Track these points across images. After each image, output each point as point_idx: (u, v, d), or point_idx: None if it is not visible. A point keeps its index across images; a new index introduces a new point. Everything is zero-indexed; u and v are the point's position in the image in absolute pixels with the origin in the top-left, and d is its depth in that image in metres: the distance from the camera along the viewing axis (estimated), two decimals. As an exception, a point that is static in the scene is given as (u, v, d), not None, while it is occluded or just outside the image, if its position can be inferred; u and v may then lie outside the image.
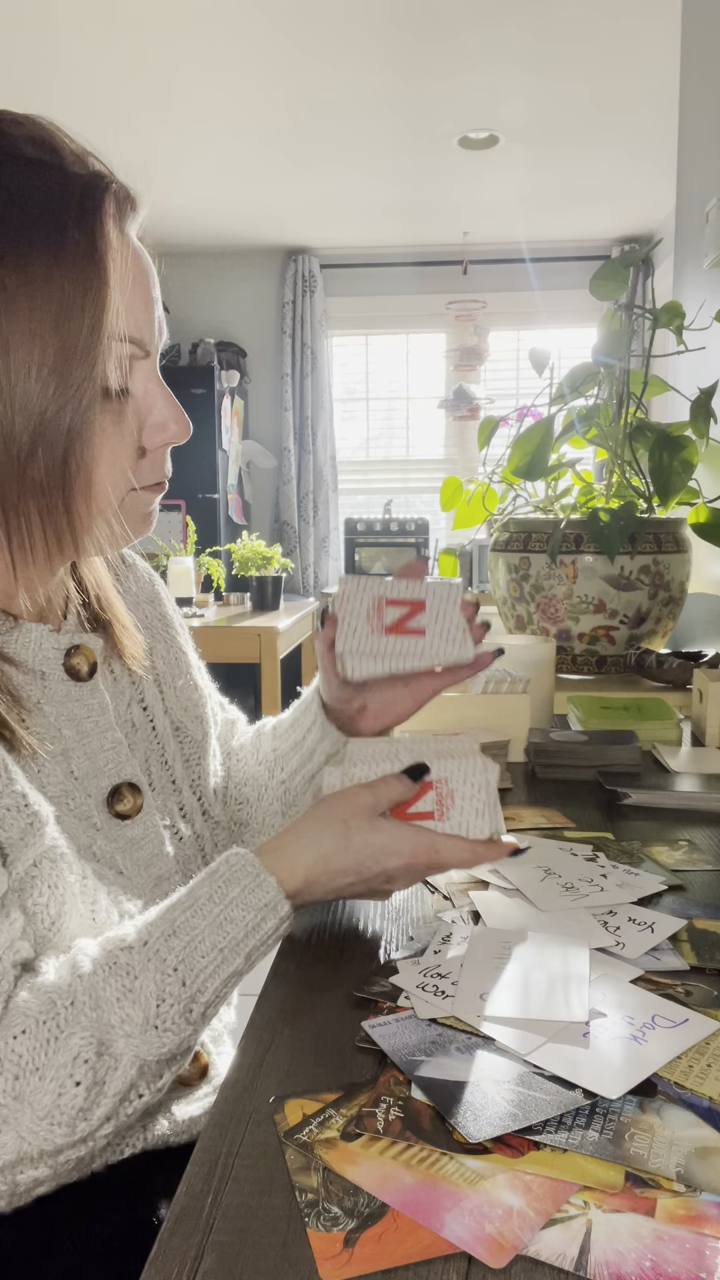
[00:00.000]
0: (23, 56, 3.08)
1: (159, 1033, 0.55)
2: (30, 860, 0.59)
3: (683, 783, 1.03)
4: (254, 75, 3.20)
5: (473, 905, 0.73)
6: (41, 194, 0.60)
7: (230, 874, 0.62)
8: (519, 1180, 0.44)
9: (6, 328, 0.58)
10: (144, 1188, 0.69)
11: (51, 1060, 0.52)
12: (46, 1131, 0.52)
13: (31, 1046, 0.52)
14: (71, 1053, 0.53)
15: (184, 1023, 0.57)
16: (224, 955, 0.59)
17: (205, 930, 0.59)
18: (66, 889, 0.61)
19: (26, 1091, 0.52)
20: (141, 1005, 0.55)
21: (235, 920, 0.60)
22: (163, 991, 0.56)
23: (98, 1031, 0.54)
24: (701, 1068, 0.52)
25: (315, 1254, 0.40)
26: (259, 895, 0.61)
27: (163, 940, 0.58)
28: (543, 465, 1.54)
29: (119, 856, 0.70)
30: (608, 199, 4.33)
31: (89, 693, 0.72)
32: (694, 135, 2.00)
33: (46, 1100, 0.52)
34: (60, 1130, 0.52)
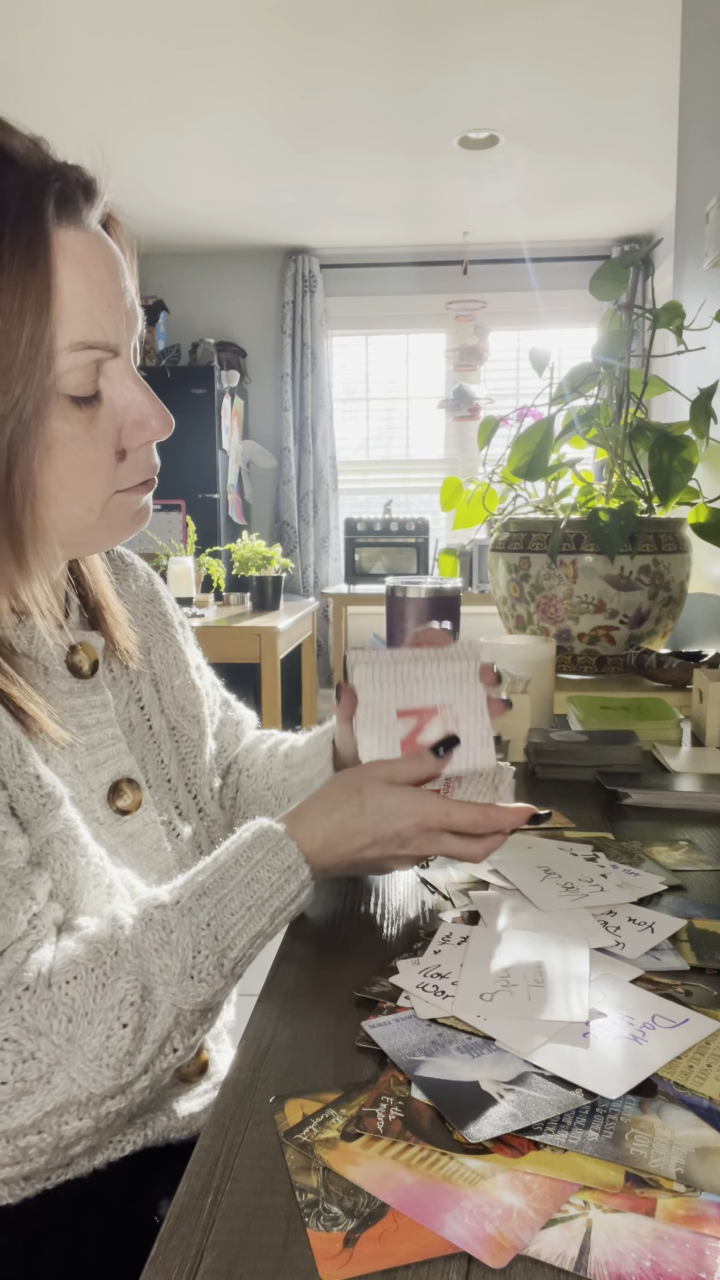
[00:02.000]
0: (24, 57, 3.08)
1: (194, 982, 0.58)
2: (43, 839, 0.61)
3: (683, 783, 1.03)
4: (254, 75, 3.20)
5: (473, 905, 0.73)
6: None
7: (254, 840, 0.64)
8: (519, 1180, 0.44)
9: None
10: (145, 1184, 0.69)
11: (100, 1004, 0.55)
12: (95, 1073, 0.54)
13: (82, 991, 0.55)
14: (118, 995, 0.56)
15: (217, 974, 0.59)
16: (251, 913, 0.62)
17: (234, 890, 0.62)
18: (79, 869, 0.63)
19: (78, 1034, 0.54)
20: (179, 956, 0.58)
21: (261, 880, 0.63)
22: (198, 943, 0.59)
23: (141, 977, 0.57)
24: (701, 1068, 0.52)
25: (315, 1254, 0.40)
26: (281, 858, 0.64)
27: (194, 899, 0.61)
28: (543, 465, 1.54)
29: (120, 851, 0.71)
30: (608, 199, 4.33)
31: (91, 689, 0.73)
32: (694, 135, 2.00)
33: (96, 1042, 0.54)
34: (108, 1073, 0.55)
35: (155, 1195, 0.69)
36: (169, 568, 3.53)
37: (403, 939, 0.69)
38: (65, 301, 0.59)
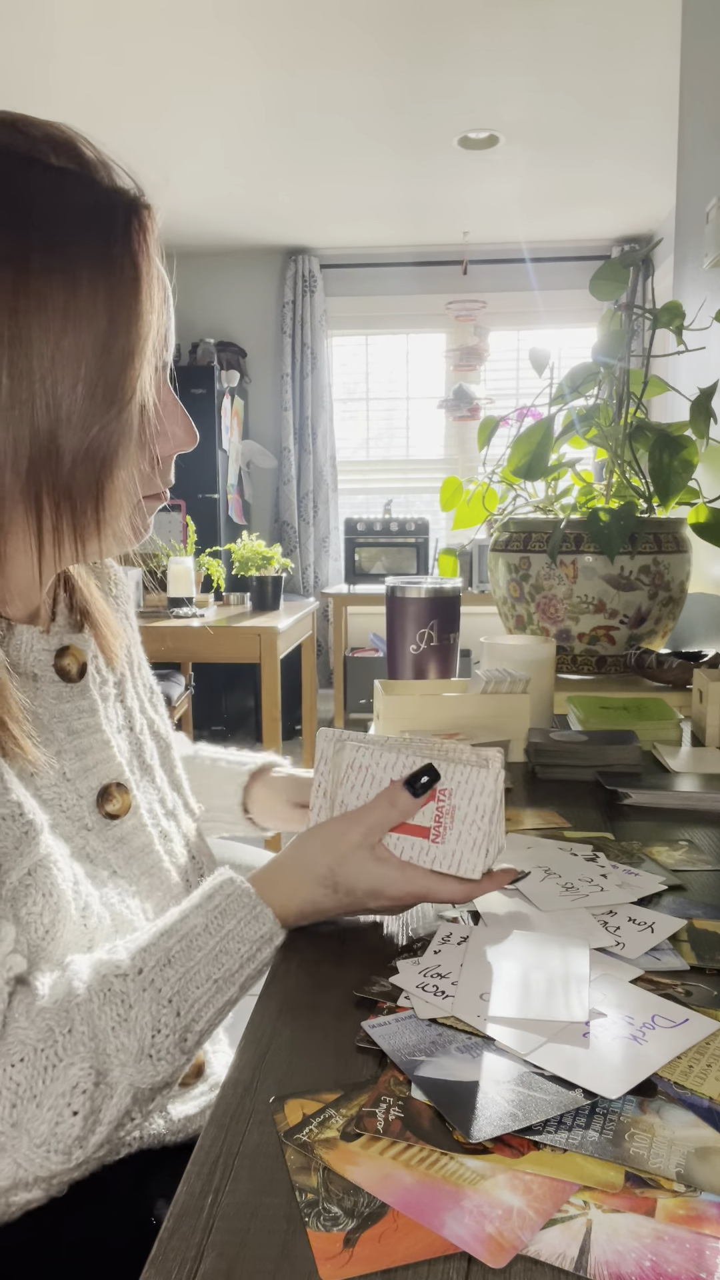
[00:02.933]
0: (22, 56, 3.08)
1: (153, 1062, 0.56)
2: (25, 869, 0.59)
3: (683, 783, 1.03)
4: (254, 75, 3.20)
5: (473, 905, 0.73)
6: (82, 208, 0.59)
7: (226, 904, 0.63)
8: (519, 1180, 0.44)
9: (54, 347, 0.58)
10: (141, 1187, 0.69)
11: (49, 1089, 0.53)
12: (43, 1159, 0.52)
13: (29, 1074, 0.52)
14: (70, 1082, 0.53)
15: (178, 1052, 0.57)
16: (219, 986, 0.60)
17: (201, 962, 0.59)
18: (60, 897, 0.61)
19: (24, 1119, 0.52)
20: (137, 1035, 0.56)
21: (231, 953, 0.61)
22: (158, 1022, 0.56)
23: (96, 1061, 0.54)
24: (701, 1068, 0.52)
25: (315, 1254, 0.40)
26: (255, 928, 0.62)
27: (158, 970, 0.58)
28: (543, 465, 1.54)
29: (111, 856, 0.70)
30: (608, 199, 4.33)
31: (79, 693, 0.72)
32: (694, 135, 2.00)
33: (44, 1129, 0.52)
34: (56, 1158, 0.53)
35: (151, 1198, 0.69)
36: (169, 568, 3.53)
37: (403, 939, 0.69)
38: (151, 320, 0.62)
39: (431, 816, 0.67)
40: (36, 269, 0.57)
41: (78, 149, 0.61)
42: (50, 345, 0.58)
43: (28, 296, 0.57)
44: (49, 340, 0.58)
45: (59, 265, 0.58)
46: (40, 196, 0.58)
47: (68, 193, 0.59)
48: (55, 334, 0.58)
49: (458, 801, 0.67)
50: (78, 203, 0.59)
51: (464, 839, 0.67)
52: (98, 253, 0.59)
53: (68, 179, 0.60)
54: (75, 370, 0.59)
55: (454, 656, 1.40)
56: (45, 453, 0.60)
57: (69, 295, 0.58)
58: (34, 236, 0.58)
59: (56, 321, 0.58)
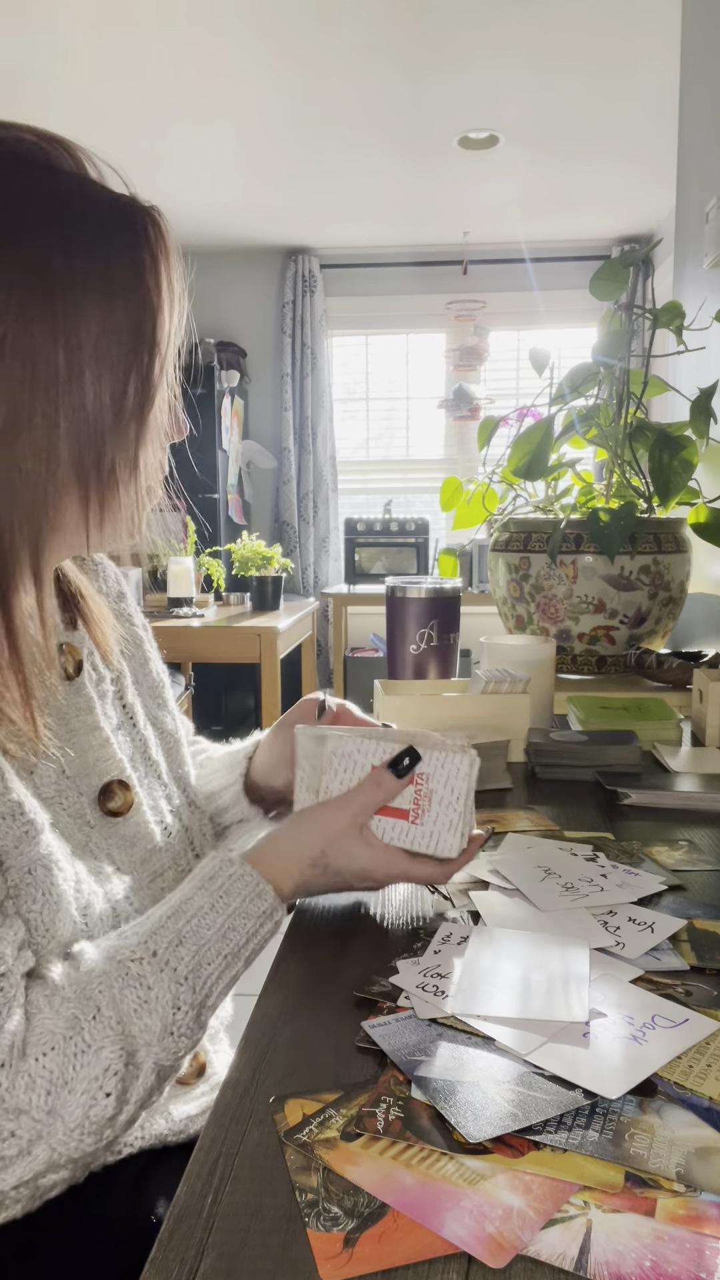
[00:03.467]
0: (22, 57, 3.08)
1: (175, 1039, 0.58)
2: (24, 868, 0.60)
3: (683, 783, 1.03)
4: (254, 75, 3.20)
5: (473, 905, 0.73)
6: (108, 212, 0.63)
7: (229, 884, 0.65)
8: (519, 1180, 0.44)
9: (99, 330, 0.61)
10: (142, 1187, 0.69)
11: (81, 1074, 0.54)
12: (77, 1141, 0.54)
13: (60, 1062, 0.54)
14: (103, 1065, 0.55)
15: (196, 1026, 0.60)
16: (228, 961, 0.62)
17: (211, 940, 0.62)
18: (60, 896, 0.62)
19: (58, 1106, 0.53)
20: (159, 1015, 0.58)
21: (238, 929, 0.63)
22: (177, 1000, 0.58)
23: (125, 1043, 0.56)
24: (701, 1068, 0.52)
25: (315, 1254, 0.40)
26: (258, 904, 0.65)
27: (171, 950, 0.60)
28: (543, 465, 1.54)
29: (113, 853, 0.70)
30: (608, 199, 4.33)
31: (76, 691, 0.72)
32: (694, 135, 2.00)
33: (78, 1113, 0.54)
34: (90, 1139, 0.55)
35: (152, 1197, 0.69)
36: (169, 568, 3.53)
37: (403, 939, 0.69)
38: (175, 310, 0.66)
39: (410, 799, 0.70)
40: (78, 254, 0.61)
41: (81, 162, 0.65)
42: (95, 327, 0.61)
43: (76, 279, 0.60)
44: (94, 323, 0.61)
45: (96, 253, 0.61)
46: (67, 197, 0.62)
47: (91, 195, 0.63)
48: (99, 317, 0.61)
49: (435, 785, 0.70)
50: (100, 202, 0.63)
51: (441, 820, 0.70)
52: (123, 247, 0.63)
53: (84, 184, 0.64)
54: (115, 354, 0.62)
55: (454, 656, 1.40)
56: (93, 429, 0.62)
57: (105, 284, 0.61)
58: (71, 227, 0.61)
59: (99, 304, 0.61)
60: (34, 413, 0.59)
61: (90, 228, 0.62)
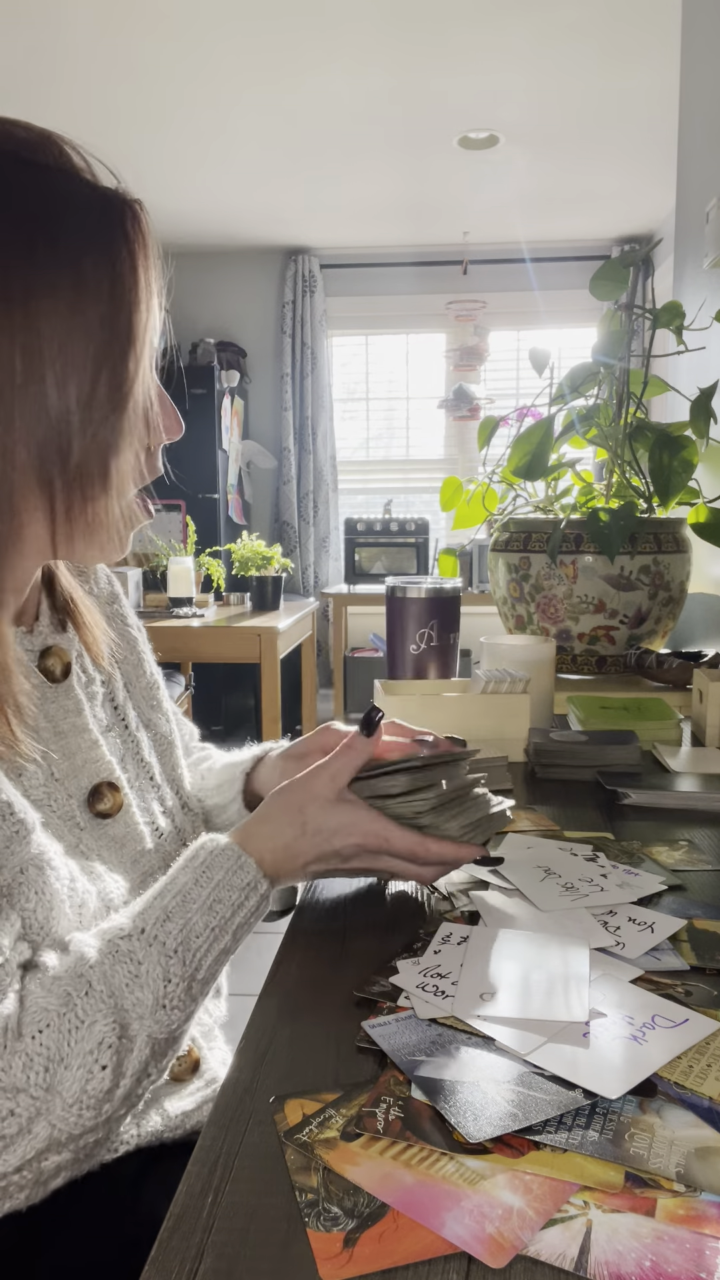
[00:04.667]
0: (22, 57, 3.08)
1: (167, 1011, 0.58)
2: (16, 868, 0.60)
3: (683, 783, 1.03)
4: (254, 75, 3.20)
5: (473, 905, 0.73)
6: (80, 202, 0.62)
7: (211, 859, 0.65)
8: (519, 1180, 0.44)
9: (63, 332, 0.60)
10: (139, 1184, 0.69)
11: (76, 1048, 0.55)
12: (76, 1117, 0.54)
13: (56, 1038, 0.55)
14: (96, 1039, 0.55)
15: (188, 999, 0.60)
16: (215, 934, 0.62)
17: (196, 913, 0.62)
18: (54, 895, 0.62)
19: (55, 1082, 0.54)
20: (150, 989, 0.58)
21: (223, 901, 0.63)
22: (168, 973, 0.59)
23: (117, 1016, 0.57)
24: (701, 1068, 0.52)
25: (315, 1254, 0.40)
26: (241, 876, 0.65)
27: (159, 926, 0.61)
28: (543, 465, 1.54)
29: (103, 854, 0.71)
30: (608, 199, 4.34)
31: (64, 694, 0.72)
32: (694, 135, 2.00)
33: (75, 1087, 0.54)
34: (88, 1114, 0.55)
35: (150, 1194, 0.69)
36: (169, 568, 3.53)
37: (403, 939, 0.69)
38: (152, 306, 0.65)
39: None
40: (42, 257, 0.60)
41: (65, 153, 0.64)
42: (60, 330, 0.60)
43: (36, 283, 0.59)
44: (59, 325, 0.60)
45: (64, 254, 0.60)
46: (40, 192, 0.61)
47: (64, 189, 0.62)
48: (64, 318, 0.60)
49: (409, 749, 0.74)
50: (76, 197, 0.62)
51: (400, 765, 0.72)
52: (99, 245, 0.62)
53: (60, 178, 0.62)
54: (83, 355, 0.61)
55: (454, 656, 1.40)
56: (57, 433, 0.61)
57: (74, 283, 0.60)
58: (38, 227, 0.60)
59: (64, 307, 0.60)
60: None
61: (61, 225, 0.60)
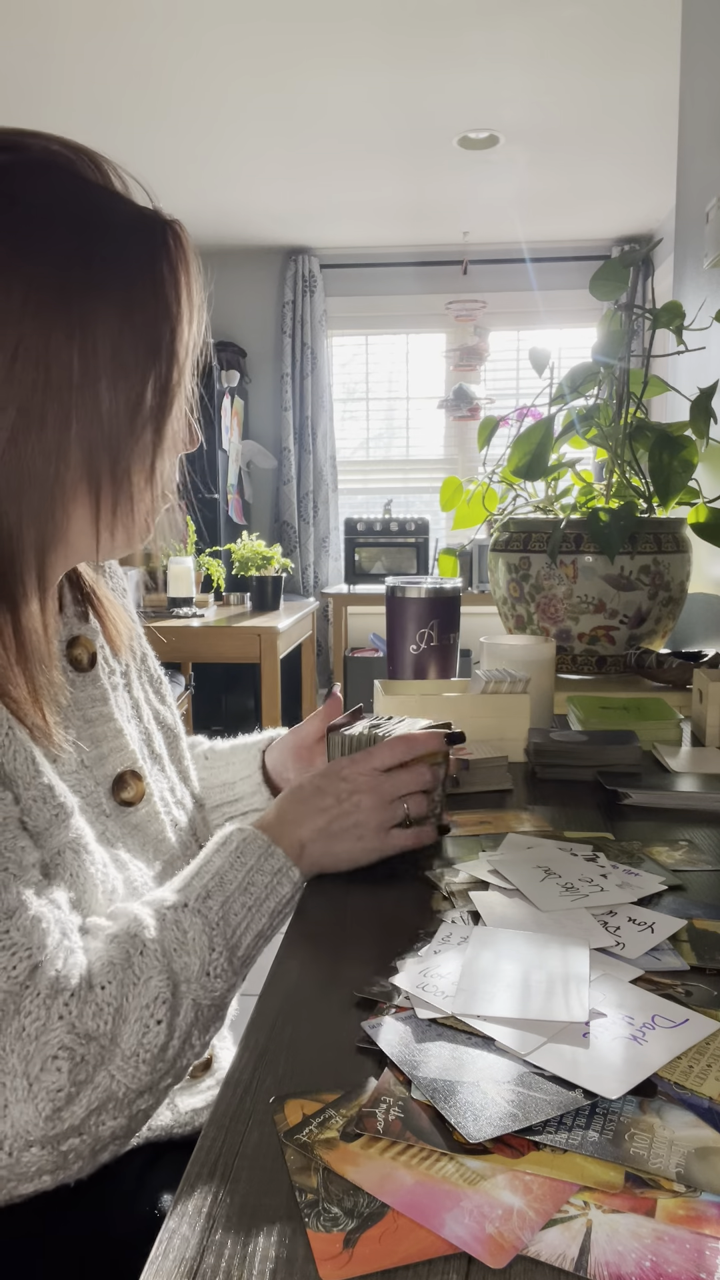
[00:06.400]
0: (21, 57, 3.08)
1: (211, 978, 0.61)
2: (55, 849, 0.62)
3: (683, 783, 1.03)
4: (254, 75, 3.20)
5: (473, 905, 0.73)
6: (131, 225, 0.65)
7: (243, 845, 0.68)
8: (519, 1180, 0.44)
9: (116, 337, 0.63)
10: (147, 1179, 0.70)
11: (134, 1003, 0.57)
12: (134, 1069, 0.56)
13: (119, 992, 0.57)
14: (152, 994, 0.58)
15: (230, 970, 0.62)
16: (252, 913, 0.65)
17: (234, 893, 0.65)
18: (88, 879, 0.64)
19: (118, 1034, 0.56)
20: (198, 954, 0.61)
21: (257, 884, 0.66)
22: (212, 940, 0.62)
23: (170, 975, 0.59)
24: (701, 1068, 0.52)
25: (315, 1254, 0.40)
26: (271, 862, 0.68)
27: (200, 901, 0.63)
28: (543, 465, 1.54)
29: (127, 841, 0.72)
30: (608, 199, 4.33)
31: (90, 682, 0.74)
32: (694, 135, 2.00)
33: (134, 1040, 0.56)
34: (144, 1069, 0.57)
35: (157, 1189, 0.69)
36: (169, 568, 3.53)
37: (403, 939, 0.69)
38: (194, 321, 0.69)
39: None
40: (98, 266, 0.62)
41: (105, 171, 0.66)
42: (113, 335, 0.62)
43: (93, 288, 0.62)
44: (111, 330, 0.62)
45: (117, 265, 0.63)
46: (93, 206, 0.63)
47: (112, 205, 0.65)
48: (116, 325, 0.62)
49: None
50: (124, 213, 0.65)
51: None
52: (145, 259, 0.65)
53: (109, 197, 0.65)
54: (133, 361, 0.64)
55: (454, 656, 1.40)
56: (108, 436, 0.64)
57: (125, 292, 0.63)
58: (94, 238, 0.62)
59: (116, 315, 0.62)
60: (45, 415, 0.60)
61: (112, 238, 0.63)
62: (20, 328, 0.59)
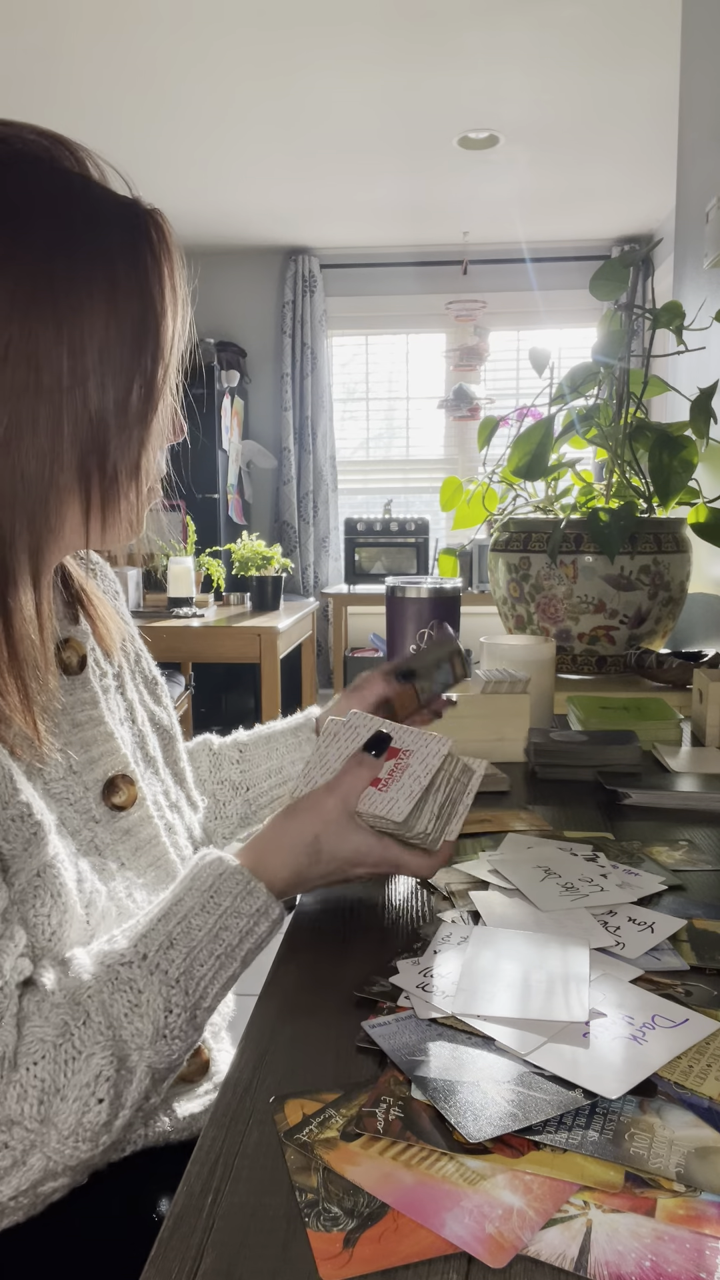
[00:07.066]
0: (22, 57, 3.08)
1: (168, 1041, 0.58)
2: (34, 870, 0.60)
3: (683, 783, 1.03)
4: (254, 75, 3.20)
5: (473, 905, 0.73)
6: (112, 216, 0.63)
7: (219, 884, 0.64)
8: (519, 1180, 0.44)
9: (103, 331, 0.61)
10: (144, 1185, 0.69)
11: (73, 1080, 0.54)
12: (72, 1149, 0.54)
13: (52, 1070, 0.54)
14: (94, 1072, 0.54)
15: (190, 1029, 0.59)
16: (221, 962, 0.62)
17: (202, 941, 0.61)
18: (67, 897, 0.62)
19: (51, 1114, 0.53)
20: (151, 1019, 0.57)
21: (230, 928, 0.62)
22: (169, 1003, 0.58)
23: (115, 1049, 0.56)
24: (701, 1068, 0.52)
25: (315, 1254, 0.40)
26: (250, 903, 0.64)
27: (161, 953, 0.60)
28: (543, 465, 1.54)
29: (119, 848, 0.71)
30: (608, 199, 4.33)
31: (80, 685, 0.73)
32: (694, 135, 2.00)
33: (71, 1120, 0.54)
34: (85, 1146, 0.54)
35: (154, 1195, 0.69)
36: (169, 568, 3.53)
37: (403, 939, 0.69)
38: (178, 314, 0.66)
39: (388, 771, 0.73)
40: (82, 260, 0.61)
41: (82, 160, 0.65)
42: (99, 331, 0.61)
43: (80, 282, 0.61)
44: (98, 326, 0.61)
45: (100, 257, 0.61)
46: (72, 197, 0.62)
47: (92, 195, 0.63)
48: (102, 320, 0.61)
49: (410, 762, 0.73)
50: (104, 204, 0.63)
51: (403, 789, 0.71)
52: (127, 250, 0.63)
53: (88, 185, 0.64)
54: (119, 357, 0.62)
55: (454, 656, 1.40)
56: (97, 435, 0.63)
57: (109, 285, 0.61)
58: (76, 230, 0.61)
59: (102, 309, 0.61)
60: (38, 418, 0.59)
61: (94, 230, 0.61)
62: (9, 328, 0.58)
